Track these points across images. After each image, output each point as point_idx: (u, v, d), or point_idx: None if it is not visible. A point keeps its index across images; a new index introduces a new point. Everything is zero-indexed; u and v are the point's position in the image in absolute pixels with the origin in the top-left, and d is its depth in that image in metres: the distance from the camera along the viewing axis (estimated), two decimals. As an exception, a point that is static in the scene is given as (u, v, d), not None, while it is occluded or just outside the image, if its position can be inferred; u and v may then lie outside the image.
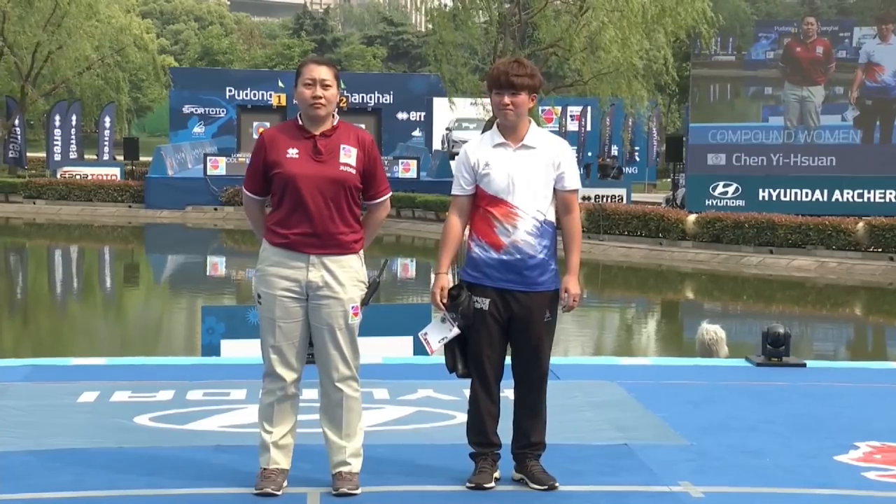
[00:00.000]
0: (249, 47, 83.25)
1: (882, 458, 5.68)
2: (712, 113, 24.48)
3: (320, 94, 4.77)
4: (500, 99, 4.97)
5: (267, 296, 4.83)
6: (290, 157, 4.78)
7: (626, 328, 18.18)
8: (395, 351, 8.59)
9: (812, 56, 23.26)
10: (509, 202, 4.97)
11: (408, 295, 22.09)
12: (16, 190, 37.00)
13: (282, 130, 4.91)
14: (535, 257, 4.99)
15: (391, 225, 31.62)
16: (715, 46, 24.07)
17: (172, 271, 26.10)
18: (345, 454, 4.84)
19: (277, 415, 4.86)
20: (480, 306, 4.98)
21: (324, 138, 4.82)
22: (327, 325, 4.81)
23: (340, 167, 4.80)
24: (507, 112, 4.97)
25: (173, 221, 33.65)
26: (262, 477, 4.83)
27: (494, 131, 5.09)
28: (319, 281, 4.79)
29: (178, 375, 7.47)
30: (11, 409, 6.49)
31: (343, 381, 4.85)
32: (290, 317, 4.81)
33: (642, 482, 5.18)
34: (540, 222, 5.00)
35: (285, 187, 4.78)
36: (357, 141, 4.88)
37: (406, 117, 41.30)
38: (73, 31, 41.55)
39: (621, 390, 7.18)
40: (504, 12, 33.58)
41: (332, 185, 4.78)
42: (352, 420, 4.87)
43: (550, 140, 5.16)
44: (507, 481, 5.12)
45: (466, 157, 5.08)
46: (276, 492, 4.77)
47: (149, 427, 6.12)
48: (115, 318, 19.16)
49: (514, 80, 4.94)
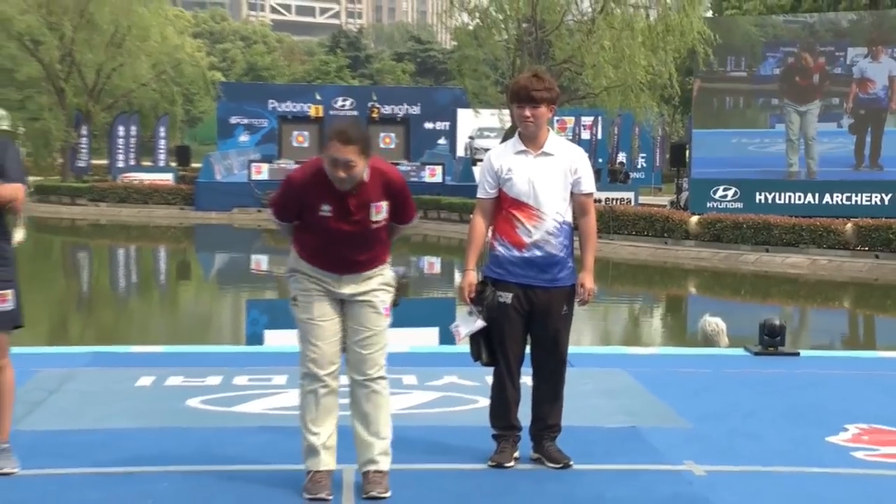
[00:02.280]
0: (290, 63, 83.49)
1: (869, 439, 5.64)
2: (725, 121, 24.85)
3: (343, 175, 4.38)
4: (522, 111, 4.96)
5: (304, 297, 4.63)
6: (322, 215, 4.48)
7: (634, 320, 18.11)
8: (422, 340, 8.57)
9: (808, 82, 24.09)
10: (531, 205, 4.95)
11: (433, 289, 22.09)
12: (81, 194, 37.30)
13: (312, 182, 4.47)
14: (554, 255, 4.98)
15: (418, 225, 31.63)
16: (730, 64, 24.78)
17: (220, 268, 26.20)
18: (373, 452, 4.59)
19: (321, 414, 4.58)
20: (504, 300, 4.97)
21: (354, 198, 4.47)
22: (361, 327, 4.62)
23: (372, 225, 4.54)
24: (528, 124, 4.97)
25: (221, 222, 33.79)
26: (313, 481, 4.54)
27: (516, 140, 5.07)
28: (351, 291, 4.63)
29: (226, 362, 7.49)
30: (76, 391, 6.53)
31: (373, 379, 4.63)
32: (327, 315, 4.62)
33: (649, 462, 5.16)
34: (559, 223, 4.98)
35: (318, 234, 4.54)
36: (385, 193, 4.54)
37: (432, 126, 41.28)
38: (132, 51, 41.92)
39: (629, 378, 7.15)
40: (522, 31, 33.56)
41: (364, 237, 4.57)
42: (380, 417, 4.62)
43: (568, 147, 5.14)
44: (525, 460, 5.10)
45: (490, 164, 5.06)
46: (328, 497, 4.51)
47: (199, 409, 6.14)
48: (169, 310, 19.24)
49: (533, 94, 4.92)
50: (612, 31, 30.28)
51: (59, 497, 4.51)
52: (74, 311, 18.42)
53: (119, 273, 25.64)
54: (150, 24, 41.91)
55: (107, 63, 42.16)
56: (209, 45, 74.56)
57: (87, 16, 41.18)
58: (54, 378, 6.77)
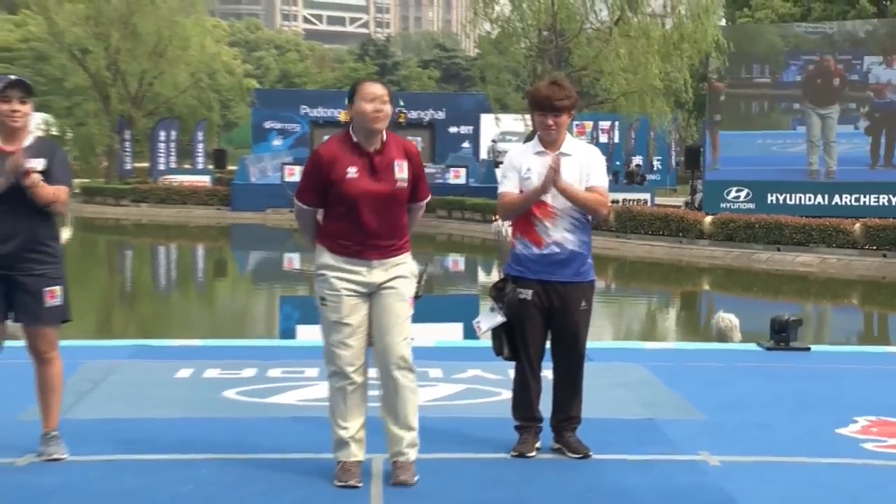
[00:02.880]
0: (321, 71, 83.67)
1: (878, 431, 5.59)
2: (751, 123, 25.29)
3: (381, 107, 4.48)
4: (544, 119, 4.93)
5: (332, 297, 4.55)
6: (349, 177, 4.49)
7: (651, 316, 18.05)
8: (447, 335, 8.57)
9: (829, 86, 24.46)
10: (548, 203, 4.92)
11: (457, 286, 22.09)
12: (124, 195, 37.56)
13: (338, 148, 4.55)
14: (573, 252, 4.95)
15: (443, 225, 31.63)
16: (755, 71, 25.45)
17: (254, 265, 26.32)
18: (402, 444, 4.58)
19: (350, 409, 4.58)
20: (524, 296, 4.95)
21: (378, 155, 4.53)
22: (388, 317, 4.59)
23: (397, 183, 4.55)
24: (551, 131, 4.96)
25: (255, 222, 33.91)
26: (342, 470, 4.56)
27: (536, 142, 5.06)
28: (380, 280, 4.59)
29: (260, 356, 7.50)
30: (119, 383, 6.58)
31: (400, 370, 4.57)
32: (356, 312, 4.57)
33: (666, 452, 5.13)
34: (576, 220, 4.96)
35: (346, 203, 4.51)
36: (406, 154, 4.61)
37: (456, 131, 41.29)
38: (172, 60, 42.19)
39: (646, 371, 7.12)
40: (542, 39, 33.49)
41: (389, 199, 4.56)
42: (409, 411, 4.58)
43: (583, 147, 5.14)
44: (546, 450, 5.09)
45: (511, 162, 5.06)
46: (358, 484, 4.53)
47: (235, 400, 6.16)
48: (206, 305, 19.34)
49: (556, 103, 4.91)
50: (628, 39, 30.23)
51: (106, 482, 4.54)
52: (118, 306, 18.56)
53: (159, 270, 25.81)
54: (190, 34, 42.18)
55: (149, 71, 42.47)
56: (245, 54, 74.91)
57: (132, 27, 41.50)
58: (99, 370, 6.81)
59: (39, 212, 4.72)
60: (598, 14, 32.87)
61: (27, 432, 5.05)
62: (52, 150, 4.81)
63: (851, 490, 4.58)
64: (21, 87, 4.72)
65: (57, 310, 4.82)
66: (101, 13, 41.47)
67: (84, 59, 42.77)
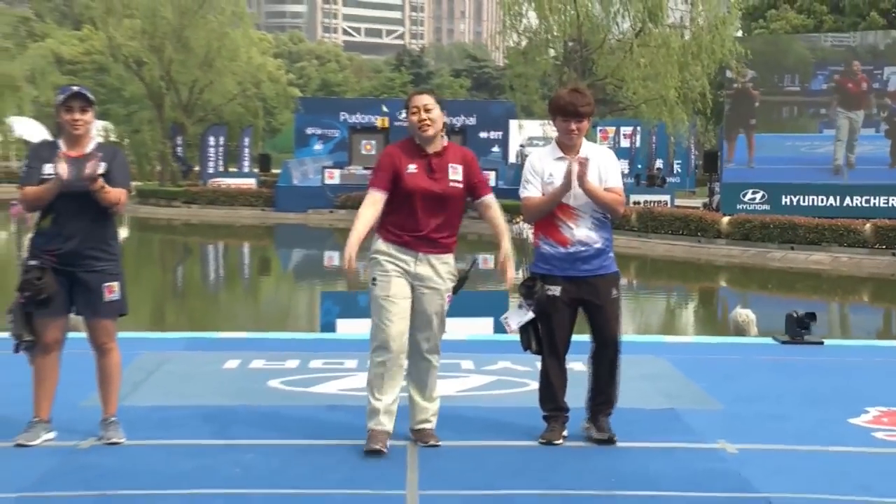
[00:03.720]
0: (359, 80, 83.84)
1: (889, 421, 5.53)
2: (782, 126, 25.93)
3: (425, 117, 4.76)
4: (568, 125, 4.94)
5: (383, 277, 4.77)
6: (409, 173, 4.77)
7: (671, 312, 17.92)
8: (479, 329, 8.57)
9: (858, 89, 25.05)
10: (571, 205, 4.93)
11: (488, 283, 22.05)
12: (176, 197, 37.84)
13: (403, 148, 4.87)
14: (597, 248, 4.96)
15: (473, 225, 31.46)
16: (786, 79, 26.36)
17: (296, 263, 26.43)
18: (427, 413, 4.93)
19: (388, 383, 4.76)
20: (553, 293, 4.95)
21: (436, 157, 4.82)
22: (427, 309, 4.83)
23: (450, 184, 4.81)
24: (573, 136, 4.96)
25: (297, 222, 34.06)
26: (371, 437, 4.77)
27: (554, 147, 5.07)
28: (424, 273, 4.80)
29: (302, 348, 7.52)
30: (172, 373, 6.63)
31: (431, 353, 4.91)
32: (402, 294, 4.77)
33: (686, 440, 5.10)
34: (597, 219, 4.97)
35: (404, 196, 4.77)
36: (462, 159, 4.89)
37: (487, 136, 41.10)
38: (221, 70, 42.43)
39: (667, 364, 7.07)
40: (568, 50, 33.38)
41: (442, 198, 4.80)
42: (434, 385, 4.95)
43: (598, 150, 5.14)
44: (574, 438, 5.07)
45: (533, 167, 5.07)
46: (383, 449, 4.72)
47: (279, 389, 6.18)
48: (252, 300, 19.44)
49: (579, 109, 4.92)
50: (648, 49, 30.14)
51: (160, 464, 4.58)
52: (171, 301, 18.70)
53: (209, 267, 25.98)
54: (238, 46, 42.39)
55: (199, 81, 42.73)
56: (288, 64, 75.13)
57: (184, 40, 41.81)
58: (153, 360, 6.87)
59: (101, 212, 4.77)
60: (621, 26, 32.78)
61: (89, 418, 5.11)
62: (113, 155, 4.87)
63: (863, 478, 4.52)
64: (82, 98, 4.77)
65: (115, 304, 4.87)
66: (155, 28, 41.82)
67: (140, 70, 43.19)
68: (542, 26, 32.66)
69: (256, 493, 4.21)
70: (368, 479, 4.41)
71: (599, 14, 32.06)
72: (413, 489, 4.31)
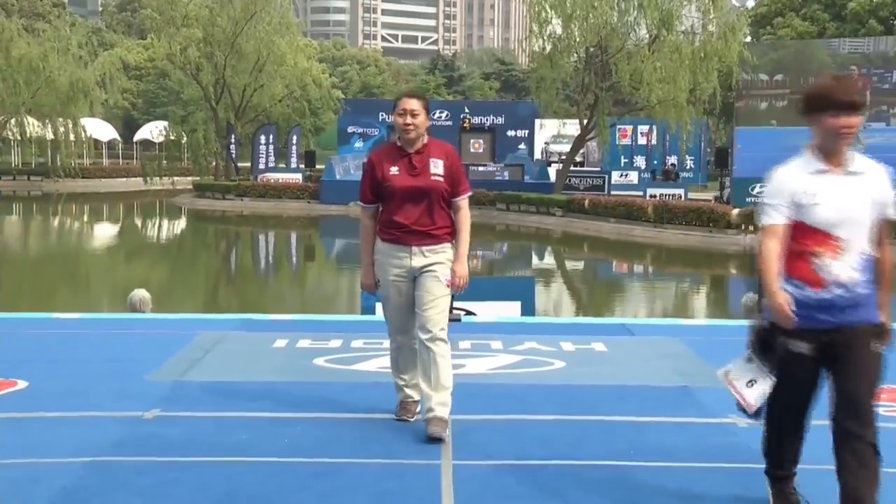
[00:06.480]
0: (397, 82, 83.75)
1: (887, 398, 5.39)
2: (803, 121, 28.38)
3: (410, 121, 4.58)
4: (838, 122, 3.35)
5: (383, 280, 4.73)
6: (392, 174, 4.64)
7: (686, 296, 17.77)
8: (506, 312, 8.51)
9: None
10: (833, 234, 3.37)
11: (516, 269, 22.00)
12: (229, 191, 38.08)
13: (385, 153, 4.72)
14: (860, 295, 3.43)
15: (502, 216, 31.47)
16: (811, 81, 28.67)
17: (339, 251, 26.50)
18: (432, 402, 4.58)
19: (403, 363, 4.86)
20: (799, 350, 3.45)
21: (417, 155, 4.64)
22: (426, 293, 4.62)
23: (432, 178, 4.62)
24: (848, 136, 3.39)
25: (340, 214, 34.13)
26: (401, 407, 4.90)
27: (809, 157, 3.49)
28: (420, 264, 4.65)
29: (345, 329, 7.51)
30: (227, 351, 6.65)
31: (433, 341, 4.57)
32: (401, 294, 4.70)
33: (699, 415, 5.04)
34: (866, 256, 3.42)
35: (390, 197, 4.66)
36: (443, 154, 4.68)
37: (514, 134, 40.95)
38: (270, 75, 42.62)
39: (682, 345, 6.99)
40: (590, 54, 33.18)
41: (425, 192, 4.63)
42: (440, 374, 4.58)
43: (871, 165, 3.48)
44: (597, 413, 4.98)
45: (781, 186, 3.46)
46: (410, 418, 4.80)
47: (324, 367, 6.18)
48: (298, 284, 19.53)
49: (856, 99, 3.37)
50: (663, 54, 30.08)
51: (216, 435, 4.60)
52: (225, 285, 18.83)
53: (259, 254, 26.14)
54: (286, 52, 42.53)
55: (250, 84, 42.95)
56: (331, 68, 75.23)
57: (237, 47, 42.11)
58: (210, 339, 6.89)
59: None
60: (638, 33, 32.63)
61: (153, 391, 5.14)
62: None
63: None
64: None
65: None
66: (211, 36, 42.18)
67: (197, 75, 43.54)
68: (566, 33, 32.57)
69: (303, 462, 4.22)
70: (406, 450, 4.40)
71: (618, 21, 31.94)
72: (447, 459, 4.29)
